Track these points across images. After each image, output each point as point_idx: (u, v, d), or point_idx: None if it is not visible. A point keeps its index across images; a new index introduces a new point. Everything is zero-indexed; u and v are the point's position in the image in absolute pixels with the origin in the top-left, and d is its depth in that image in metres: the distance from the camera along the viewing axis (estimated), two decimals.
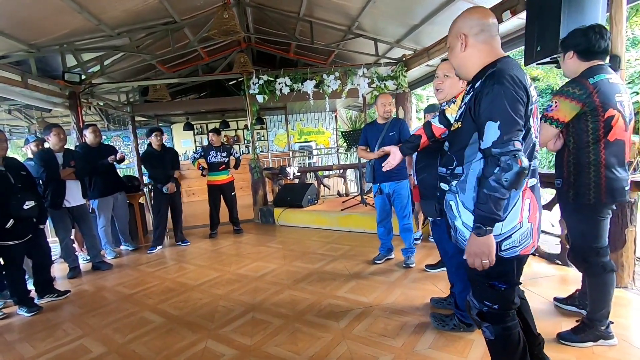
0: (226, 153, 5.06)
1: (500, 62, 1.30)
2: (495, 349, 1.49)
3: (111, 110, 7.80)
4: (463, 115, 1.38)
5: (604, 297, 1.86)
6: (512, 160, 1.18)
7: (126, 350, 2.27)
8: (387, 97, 3.23)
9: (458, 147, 1.41)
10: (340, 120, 11.38)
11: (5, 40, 3.88)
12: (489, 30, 1.34)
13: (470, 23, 1.35)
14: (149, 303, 2.98)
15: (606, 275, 1.85)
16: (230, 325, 2.47)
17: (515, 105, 1.21)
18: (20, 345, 2.46)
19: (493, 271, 1.35)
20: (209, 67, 7.99)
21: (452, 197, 1.43)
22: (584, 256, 1.87)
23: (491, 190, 1.21)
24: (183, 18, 5.15)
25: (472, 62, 1.37)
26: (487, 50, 1.34)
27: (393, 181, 3.20)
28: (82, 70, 4.96)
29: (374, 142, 3.21)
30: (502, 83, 1.22)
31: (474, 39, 1.34)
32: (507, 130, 1.20)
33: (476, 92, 1.30)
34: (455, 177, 1.42)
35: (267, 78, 5.46)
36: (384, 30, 5.38)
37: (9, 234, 2.86)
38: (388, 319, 2.37)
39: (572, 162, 1.83)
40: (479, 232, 1.25)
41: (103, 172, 4.23)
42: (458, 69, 1.46)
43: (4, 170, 2.90)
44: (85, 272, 3.98)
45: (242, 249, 4.41)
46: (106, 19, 4.33)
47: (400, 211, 3.27)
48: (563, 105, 1.74)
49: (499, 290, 1.38)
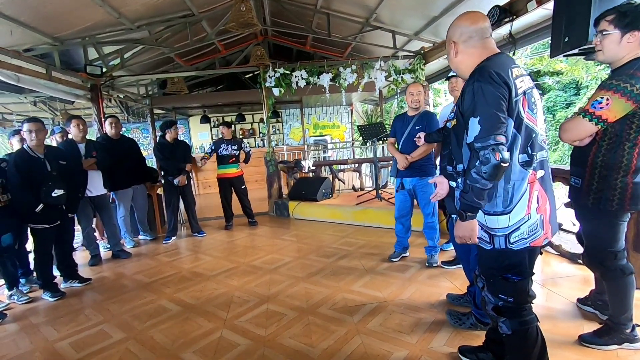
0: (237, 146, 5.09)
1: (486, 60, 1.37)
2: (513, 345, 1.49)
3: (131, 102, 7.97)
4: (455, 113, 1.46)
5: (625, 300, 1.79)
6: (490, 154, 1.24)
7: (144, 336, 2.33)
8: (416, 87, 3.09)
9: (456, 145, 1.47)
10: (356, 114, 11.29)
11: (30, 34, 3.99)
12: (479, 35, 1.40)
13: (460, 30, 1.43)
14: (166, 292, 3.04)
15: (626, 279, 1.77)
16: (245, 315, 2.50)
17: (495, 100, 1.26)
18: (45, 328, 2.56)
19: (505, 263, 1.40)
20: (226, 60, 8.04)
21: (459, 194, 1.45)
22: (601, 260, 1.78)
23: (473, 182, 1.28)
24: (201, 11, 5.18)
25: (465, 65, 1.45)
26: (478, 53, 1.41)
27: (416, 177, 3.09)
28: (103, 63, 5.07)
29: (401, 134, 3.14)
30: (480, 80, 1.29)
31: (463, 45, 1.43)
32: (487, 124, 1.25)
33: (462, 91, 1.40)
34: (460, 174, 1.47)
35: (283, 71, 5.45)
36: (403, 22, 5.28)
37: (39, 218, 3.00)
38: (403, 314, 2.35)
39: (600, 163, 1.67)
40: (462, 217, 1.36)
41: (126, 164, 4.33)
42: (457, 72, 1.56)
43: (42, 158, 3.03)
44: (105, 260, 4.10)
45: (257, 241, 4.45)
46: (126, 12, 4.39)
47: (424, 208, 3.16)
48: (616, 104, 1.51)
49: (513, 282, 1.41)
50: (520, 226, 1.34)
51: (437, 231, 3.19)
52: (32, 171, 2.95)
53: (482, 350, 1.79)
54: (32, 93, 6.04)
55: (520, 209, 1.34)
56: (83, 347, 2.26)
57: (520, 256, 1.39)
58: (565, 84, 12.83)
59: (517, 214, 1.34)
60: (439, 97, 13.90)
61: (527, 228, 1.35)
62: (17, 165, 2.91)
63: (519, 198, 1.33)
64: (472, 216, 1.35)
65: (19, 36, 3.94)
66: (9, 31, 3.71)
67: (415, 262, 3.26)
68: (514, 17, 3.37)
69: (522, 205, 1.33)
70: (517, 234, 1.35)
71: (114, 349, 2.21)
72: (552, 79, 12.90)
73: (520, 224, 1.34)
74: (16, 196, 2.93)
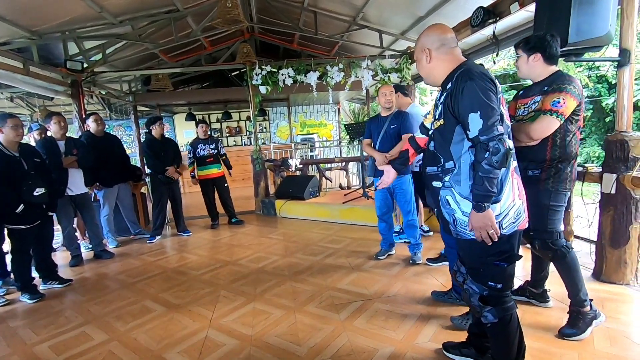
0: (214, 145, 5.03)
1: (466, 64, 1.49)
2: (498, 333, 1.56)
3: (113, 99, 7.78)
4: (443, 114, 1.51)
5: (577, 276, 1.97)
6: (499, 144, 1.34)
7: (128, 338, 2.28)
8: (387, 88, 3.20)
9: (443, 144, 1.53)
10: (343, 113, 11.32)
11: (6, 27, 3.84)
12: (449, 44, 1.53)
13: (432, 39, 1.54)
14: (150, 292, 2.99)
15: (572, 254, 1.97)
16: (231, 315, 2.48)
17: (489, 95, 1.38)
18: (23, 331, 2.48)
19: (497, 250, 1.47)
20: (212, 57, 7.92)
21: (448, 192, 1.52)
22: (552, 240, 1.97)
23: (486, 173, 1.36)
24: (186, 7, 5.09)
25: (437, 71, 1.56)
26: (449, 59, 1.53)
27: None
28: (84, 59, 4.93)
29: (377, 135, 3.20)
30: (473, 79, 1.39)
31: (436, 52, 1.54)
32: (488, 117, 1.35)
33: (450, 91, 1.46)
34: (448, 172, 1.52)
35: (270, 69, 5.41)
36: (389, 22, 5.31)
37: (19, 219, 2.90)
38: (389, 311, 2.37)
39: (558, 155, 1.93)
40: (479, 208, 1.39)
41: (111, 162, 4.24)
42: (427, 79, 1.64)
43: (18, 156, 2.93)
44: (87, 261, 4.00)
45: (244, 240, 4.42)
46: (108, 6, 4.27)
47: (403, 206, 3.22)
48: (569, 102, 1.85)
49: (503, 268, 1.50)
50: (508, 212, 1.45)
51: (418, 229, 3.24)
52: (9, 170, 2.85)
53: (465, 346, 1.83)
54: (9, 88, 5.83)
55: (507, 196, 1.44)
56: (63, 350, 2.20)
57: (512, 241, 1.49)
58: None
59: (505, 201, 1.44)
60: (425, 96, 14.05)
61: (514, 213, 1.46)
62: None
63: (506, 186, 1.43)
64: (489, 205, 1.39)
65: None
66: None
67: (400, 260, 3.30)
68: (497, 18, 3.44)
69: (508, 192, 1.44)
70: (507, 219, 1.45)
71: (96, 351, 2.16)
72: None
73: (509, 210, 1.44)
74: None
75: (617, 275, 2.47)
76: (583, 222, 2.88)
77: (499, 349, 1.61)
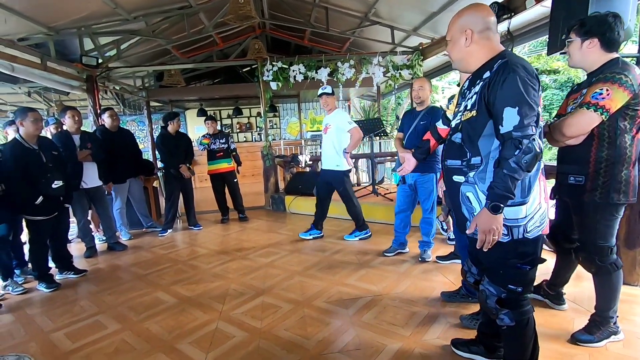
0: (224, 139, 5.07)
1: (507, 54, 1.38)
2: (514, 336, 1.51)
3: (127, 94, 7.90)
4: (477, 104, 1.39)
5: (615, 294, 1.83)
6: (532, 144, 1.25)
7: (140, 328, 2.34)
8: (418, 82, 3.13)
9: (472, 137, 1.42)
10: (353, 110, 11.28)
11: (25, 22, 3.94)
12: (492, 28, 1.41)
13: (476, 20, 1.40)
14: (162, 284, 3.05)
15: (618, 273, 1.81)
16: (240, 308, 2.52)
17: (530, 91, 1.28)
18: (40, 319, 2.56)
19: (520, 253, 1.40)
20: (223, 53, 7.98)
21: (470, 189, 1.42)
22: (599, 256, 1.79)
23: (511, 171, 1.26)
24: (198, 3, 5.13)
25: (474, 56, 1.44)
26: (489, 46, 1.41)
27: (417, 172, 3.06)
28: (99, 54, 5.02)
29: (408, 129, 3.15)
30: (516, 72, 1.28)
31: (479, 35, 1.40)
32: (525, 115, 1.26)
33: (488, 82, 1.35)
34: (473, 168, 1.43)
35: (281, 65, 5.43)
36: (401, 18, 5.27)
37: (37, 210, 2.98)
38: (397, 308, 2.37)
39: (606, 157, 1.69)
40: (497, 210, 1.30)
41: (124, 156, 4.32)
42: (458, 62, 1.50)
43: (37, 149, 3.01)
44: (100, 252, 4.09)
45: (253, 235, 4.46)
46: (123, 2, 4.34)
47: (424, 203, 3.18)
48: (616, 94, 1.59)
49: (525, 271, 1.42)
50: (534, 215, 1.37)
51: (434, 227, 3.20)
52: (29, 162, 2.93)
53: (474, 344, 1.82)
54: (27, 83, 5.96)
55: (534, 198, 1.37)
56: (78, 337, 2.26)
57: (534, 245, 1.41)
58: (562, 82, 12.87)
59: (532, 203, 1.37)
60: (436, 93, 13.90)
61: (539, 216, 1.39)
62: (15, 156, 2.88)
63: (534, 188, 1.36)
64: (503, 208, 1.31)
65: (13, 25, 3.88)
66: (3, 19, 3.66)
67: (409, 257, 3.29)
68: (512, 14, 3.38)
69: (535, 195, 1.37)
70: (532, 222, 1.37)
71: (110, 339, 2.22)
72: (549, 77, 12.94)
73: (534, 213, 1.37)
74: (14, 188, 2.89)
75: (631, 277, 2.43)
76: None
77: (512, 352, 1.56)
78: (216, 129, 5.12)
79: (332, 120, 3.81)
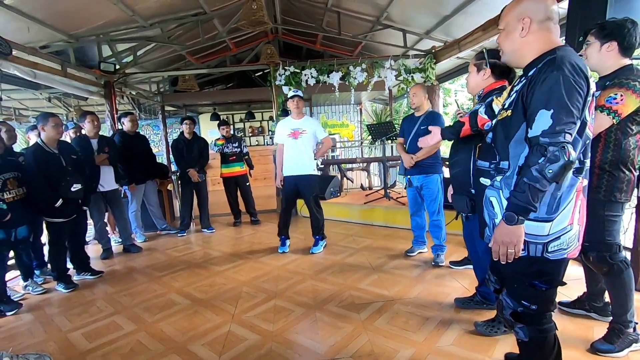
0: (237, 143, 5.14)
1: (560, 49, 1.22)
2: (528, 352, 1.43)
3: (142, 99, 8.06)
4: (514, 103, 1.29)
5: (629, 295, 1.82)
6: (560, 152, 1.12)
7: (154, 329, 2.37)
8: (413, 89, 3.23)
9: (503, 139, 1.33)
10: (365, 113, 11.26)
11: (46, 31, 4.07)
12: (553, 18, 1.26)
13: (537, 7, 1.25)
14: (176, 285, 3.09)
15: (628, 272, 1.81)
16: (253, 310, 2.53)
17: (573, 94, 1.14)
18: (59, 319, 2.63)
19: (535, 270, 1.30)
20: (237, 58, 8.08)
21: (495, 193, 1.35)
22: (609, 254, 1.81)
23: (532, 180, 1.16)
24: (213, 9, 5.22)
25: (529, 49, 1.28)
26: (547, 38, 1.26)
27: (422, 174, 3.16)
28: (117, 60, 5.15)
29: (408, 134, 3.22)
30: (561, 70, 1.15)
31: (538, 25, 1.25)
32: (560, 120, 1.14)
33: (530, 79, 1.23)
34: (500, 172, 1.34)
35: (293, 69, 5.46)
36: (414, 21, 5.25)
37: (57, 213, 3.07)
38: (410, 313, 2.35)
39: (610, 159, 1.75)
40: (511, 220, 1.20)
41: (140, 160, 4.42)
42: (510, 54, 1.35)
43: (57, 153, 3.11)
44: (116, 254, 4.18)
45: (265, 237, 4.49)
46: (140, 9, 4.45)
47: (429, 206, 3.22)
48: (629, 100, 1.64)
49: (540, 290, 1.32)
50: (560, 236, 1.24)
51: (443, 230, 3.20)
52: (49, 166, 3.02)
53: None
54: (47, 89, 6.15)
55: (564, 217, 1.24)
56: (95, 337, 2.31)
57: (555, 266, 1.30)
58: None
59: (560, 222, 1.24)
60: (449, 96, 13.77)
61: (568, 239, 1.25)
62: (36, 160, 2.98)
63: (564, 206, 1.23)
64: (522, 220, 1.20)
65: (35, 33, 4.02)
66: (26, 28, 3.79)
67: (422, 262, 3.25)
68: None
69: (566, 214, 1.24)
70: (556, 243, 1.25)
71: (125, 340, 2.26)
72: None
73: (561, 234, 1.24)
74: (36, 191, 2.99)
75: None
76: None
77: None
78: (230, 133, 5.18)
79: (306, 126, 3.68)
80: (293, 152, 3.67)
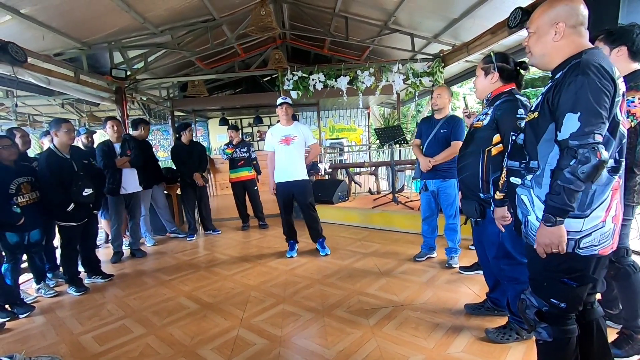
0: (246, 149, 5.18)
1: (587, 52, 1.24)
2: (549, 353, 1.41)
3: (153, 105, 8.19)
4: (540, 106, 1.32)
5: (638, 299, 1.79)
6: (590, 153, 1.14)
7: (164, 332, 2.38)
8: (437, 90, 3.17)
9: (532, 140, 1.35)
10: (372, 117, 11.26)
11: (61, 39, 4.18)
12: (585, 23, 1.28)
13: (571, 12, 1.26)
14: (185, 289, 3.11)
15: (637, 276, 1.80)
16: (261, 315, 2.53)
17: (599, 96, 1.16)
18: (70, 322, 2.66)
19: (566, 267, 1.30)
20: (245, 63, 8.18)
21: (526, 192, 1.38)
22: (617, 258, 1.79)
23: (566, 182, 1.18)
24: (221, 15, 5.30)
25: (559, 53, 1.30)
26: (578, 42, 1.28)
27: (438, 179, 3.12)
28: (128, 67, 5.24)
29: (426, 137, 3.17)
30: (586, 74, 1.17)
31: (571, 30, 1.27)
32: (588, 122, 1.15)
33: (556, 83, 1.26)
34: (530, 171, 1.37)
35: (301, 74, 5.50)
36: (421, 25, 5.25)
37: (69, 217, 3.13)
38: (419, 319, 2.32)
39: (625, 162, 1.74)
40: (549, 222, 1.22)
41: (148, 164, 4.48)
42: (540, 58, 1.36)
43: (69, 158, 3.16)
44: (125, 258, 4.22)
45: (273, 242, 4.49)
46: (151, 17, 4.53)
47: (446, 209, 3.18)
48: None
49: (571, 287, 1.31)
50: (592, 232, 1.25)
51: (458, 233, 3.18)
52: (62, 171, 3.08)
53: None
54: (61, 95, 6.29)
55: (597, 214, 1.25)
56: (105, 340, 2.33)
57: (586, 263, 1.29)
58: None
59: (592, 219, 1.25)
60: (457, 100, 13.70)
61: (600, 235, 1.26)
62: (49, 165, 3.03)
63: (598, 204, 1.24)
64: (562, 221, 1.22)
65: (50, 41, 4.12)
66: (41, 36, 3.89)
67: (431, 267, 3.22)
68: None
69: (600, 211, 1.25)
70: (588, 240, 1.26)
71: (135, 343, 2.27)
72: None
73: (592, 230, 1.25)
74: (49, 195, 3.04)
75: None
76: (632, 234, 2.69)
77: None
78: (239, 138, 5.22)
79: (298, 132, 3.67)
80: (285, 158, 3.66)
